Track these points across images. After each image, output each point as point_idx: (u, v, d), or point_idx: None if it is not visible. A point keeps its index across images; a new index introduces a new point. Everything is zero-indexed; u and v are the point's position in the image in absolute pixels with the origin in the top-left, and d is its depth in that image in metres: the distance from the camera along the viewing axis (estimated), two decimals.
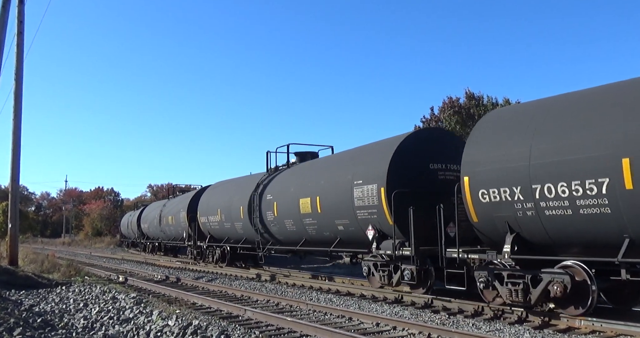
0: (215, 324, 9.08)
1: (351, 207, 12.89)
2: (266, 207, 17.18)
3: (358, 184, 12.68)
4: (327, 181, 14.30)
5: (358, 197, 12.66)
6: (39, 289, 14.62)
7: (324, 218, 14.19)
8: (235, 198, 20.12)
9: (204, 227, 23.37)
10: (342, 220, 13.48)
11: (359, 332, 8.69)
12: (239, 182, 21.61)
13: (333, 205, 13.69)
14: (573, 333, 8.48)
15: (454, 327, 9.11)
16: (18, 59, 18.98)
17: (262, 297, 13.02)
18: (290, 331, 8.87)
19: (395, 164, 11.92)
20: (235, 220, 19.81)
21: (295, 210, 15.31)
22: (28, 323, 9.02)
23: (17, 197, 19.52)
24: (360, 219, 12.76)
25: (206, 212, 22.89)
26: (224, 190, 22.39)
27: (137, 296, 12.62)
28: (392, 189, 11.55)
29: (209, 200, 23.19)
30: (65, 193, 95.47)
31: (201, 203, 23.88)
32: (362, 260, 13.27)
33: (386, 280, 12.39)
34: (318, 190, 14.44)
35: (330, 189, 13.91)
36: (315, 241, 15.26)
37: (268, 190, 17.48)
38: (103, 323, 9.40)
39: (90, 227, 74.48)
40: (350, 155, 14.58)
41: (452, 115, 35.54)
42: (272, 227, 17.07)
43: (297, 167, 17.54)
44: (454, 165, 11.92)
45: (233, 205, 20.00)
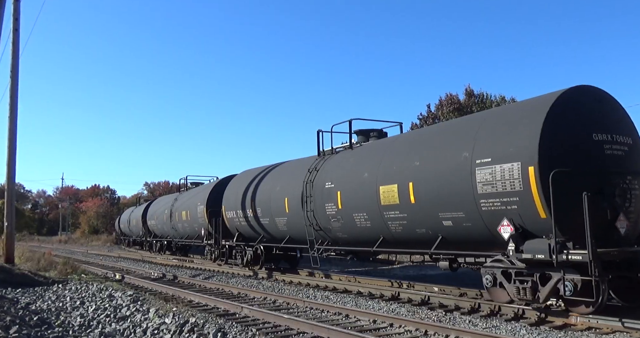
0: (212, 322, 9.08)
1: (470, 194, 9.66)
2: (325, 197, 14.07)
3: (484, 163, 9.43)
4: (425, 162, 10.94)
5: (484, 181, 9.39)
6: (35, 287, 14.60)
7: (419, 212, 10.98)
8: (276, 188, 16.94)
9: (231, 223, 20.10)
10: (451, 214, 10.20)
11: (355, 329, 8.69)
12: (280, 169, 18.22)
13: (437, 194, 10.41)
14: (569, 330, 8.50)
15: (450, 323, 9.13)
16: (14, 56, 18.92)
17: (259, 294, 13.02)
18: (287, 328, 8.87)
19: (550, 133, 8.70)
20: (277, 214, 16.68)
21: (372, 202, 12.15)
22: (24, 321, 9.00)
23: (14, 195, 19.47)
24: (485, 211, 9.50)
25: (234, 205, 19.58)
26: (258, 179, 19.06)
27: (134, 294, 12.61)
28: (547, 168, 8.37)
29: (237, 191, 19.74)
30: (62, 191, 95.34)
31: (227, 196, 20.52)
32: (483, 267, 9.88)
33: (527, 294, 9.02)
34: (410, 174, 11.13)
35: (432, 172, 10.62)
36: (400, 240, 12.09)
37: (326, 177, 14.25)
38: (100, 321, 9.39)
39: (87, 225, 74.51)
40: (463, 124, 11.08)
41: (451, 112, 35.56)
42: (334, 222, 13.86)
43: (368, 147, 14.06)
44: (621, 137, 9.21)
45: (273, 197, 16.84)
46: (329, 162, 14.75)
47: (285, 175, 17.19)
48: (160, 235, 32.63)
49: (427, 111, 38.27)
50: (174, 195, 31.82)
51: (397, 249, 13.14)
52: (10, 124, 18.77)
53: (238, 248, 20.08)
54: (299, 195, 15.19)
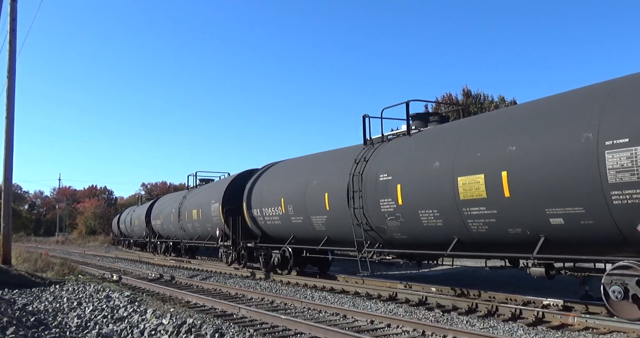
0: (210, 322, 9.08)
1: (595, 185, 7.89)
2: (379, 192, 12.09)
3: (616, 145, 7.61)
4: (525, 146, 9.00)
5: (618, 168, 7.59)
6: (32, 288, 14.57)
7: (515, 207, 9.10)
8: (312, 183, 14.91)
9: (254, 222, 18.28)
10: (564, 209, 8.38)
11: (353, 329, 8.69)
12: (316, 161, 15.97)
13: (543, 186, 8.60)
14: (566, 330, 8.52)
15: (448, 324, 9.13)
16: (10, 56, 18.89)
17: (256, 295, 13.01)
18: (284, 329, 8.86)
19: None
20: (314, 212, 14.69)
21: (446, 196, 10.25)
22: (21, 322, 8.98)
23: (10, 196, 19.44)
24: (617, 206, 7.69)
25: (257, 203, 17.73)
26: (289, 173, 16.98)
27: (131, 295, 12.59)
28: None
29: (262, 187, 17.88)
30: (59, 192, 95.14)
31: (249, 192, 18.72)
32: (607, 275, 8.21)
33: None
34: (503, 162, 9.23)
35: (536, 159, 8.74)
36: (482, 242, 10.13)
37: (380, 168, 12.25)
38: (97, 322, 9.37)
39: (84, 226, 74.36)
40: (578, 98, 8.84)
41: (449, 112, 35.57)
42: (390, 221, 11.91)
43: (434, 132, 12.12)
44: None
45: (310, 193, 14.83)
46: (381, 151, 12.69)
47: (323, 167, 15.04)
48: (166, 236, 30.59)
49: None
50: (181, 193, 29.35)
51: (477, 253, 10.71)
52: (7, 124, 18.73)
53: (261, 250, 18.27)
54: (343, 190, 13.40)
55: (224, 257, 21.52)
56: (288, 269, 17.08)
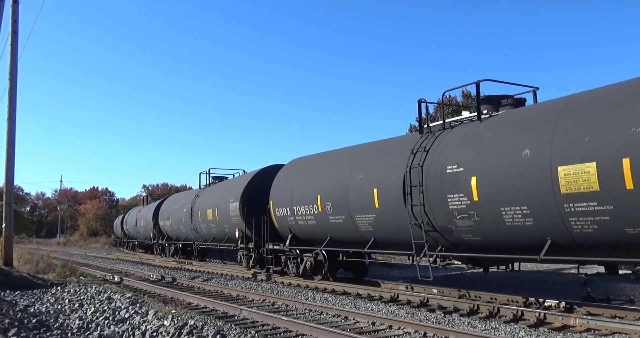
0: (211, 324, 9.07)
1: None
2: (446, 186, 10.39)
3: None
4: None
5: None
6: (34, 290, 14.57)
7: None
8: (356, 177, 13.29)
9: (282, 223, 16.63)
10: None
11: (354, 331, 8.69)
12: (360, 153, 14.24)
13: None
14: (568, 332, 8.52)
15: (449, 325, 9.13)
16: (12, 58, 18.91)
17: (258, 296, 13.01)
18: (286, 330, 8.86)
19: None
20: (359, 211, 13.06)
21: (541, 189, 8.67)
22: (23, 323, 8.99)
23: (12, 197, 19.45)
24: None
25: (287, 201, 16.16)
26: (326, 168, 15.08)
27: (132, 296, 12.59)
28: None
29: (292, 183, 16.16)
30: (60, 194, 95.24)
31: (277, 190, 17.00)
32: None
33: None
34: (627, 146, 7.59)
35: None
36: (585, 244, 8.53)
37: (447, 158, 10.54)
38: (98, 324, 9.37)
39: (86, 227, 74.39)
40: None
41: (449, 113, 35.56)
42: (461, 220, 10.17)
43: (517, 114, 10.37)
44: None
45: (353, 189, 13.25)
46: (446, 140, 11.00)
47: (370, 159, 13.38)
48: (175, 238, 28.89)
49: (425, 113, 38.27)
50: (193, 192, 27.44)
51: (575, 258, 9.12)
52: (9, 126, 18.74)
53: (291, 253, 16.64)
54: (397, 185, 11.71)
55: (243, 261, 20.08)
56: (322, 274, 15.34)
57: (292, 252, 16.56)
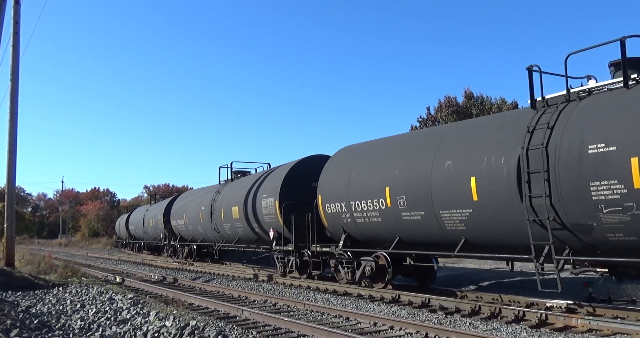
0: (213, 325, 9.08)
1: None
2: (587, 171, 8.35)
3: None
4: None
5: None
6: (35, 290, 14.59)
7: None
8: (444, 164, 10.93)
9: (334, 221, 14.39)
10: None
11: (356, 331, 8.69)
12: (444, 135, 11.78)
13: None
14: (570, 332, 8.51)
15: (451, 326, 9.13)
16: (14, 59, 18.94)
17: (259, 297, 13.02)
18: (287, 331, 8.86)
19: None
20: (447, 205, 10.79)
21: None
22: (25, 324, 9.00)
23: (14, 198, 19.47)
24: None
25: (340, 194, 13.93)
26: (396, 155, 12.70)
27: (134, 297, 12.60)
28: None
29: (347, 173, 13.88)
30: (62, 194, 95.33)
31: (327, 182, 14.75)
32: None
33: None
34: None
35: None
36: None
37: (588, 135, 8.44)
38: (100, 324, 9.38)
39: (87, 228, 74.46)
40: None
41: (450, 114, 35.62)
42: (609, 214, 8.12)
43: None
44: None
45: (440, 178, 10.95)
46: (579, 113, 8.88)
47: (462, 142, 11.08)
48: (190, 239, 26.63)
49: (426, 114, 38.34)
50: (213, 187, 24.63)
51: None
52: (11, 127, 18.77)
53: (343, 257, 14.37)
54: (508, 172, 9.64)
55: (279, 265, 17.76)
56: (385, 282, 13.15)
57: (345, 255, 14.29)
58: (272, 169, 20.02)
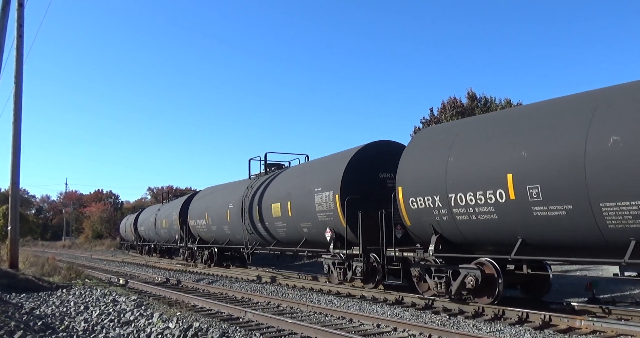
0: (216, 326, 9.09)
1: None
2: None
3: None
4: None
5: None
6: (39, 292, 14.61)
7: None
8: (608, 140, 8.15)
9: (427, 218, 11.25)
10: None
11: (359, 333, 8.69)
12: (592, 104, 8.74)
13: None
14: (573, 334, 8.49)
15: (454, 328, 9.12)
16: (18, 62, 18.99)
17: (262, 298, 13.02)
18: (291, 333, 8.87)
19: None
20: (614, 196, 8.04)
21: None
22: (29, 326, 9.02)
23: (18, 200, 19.51)
24: None
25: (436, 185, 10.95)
26: (517, 132, 9.81)
27: (137, 298, 12.62)
28: None
29: (449, 159, 10.83)
30: (66, 196, 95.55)
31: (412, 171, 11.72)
32: None
33: None
34: None
35: None
36: None
37: None
38: (104, 326, 9.40)
39: (91, 230, 74.58)
40: None
41: (454, 115, 35.56)
42: None
43: None
44: None
45: (596, 160, 8.25)
46: None
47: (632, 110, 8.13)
48: (212, 241, 23.92)
49: (430, 115, 38.31)
50: (242, 183, 21.51)
51: None
52: (15, 129, 18.82)
53: (432, 263, 11.39)
54: None
55: (334, 272, 14.90)
56: (494, 297, 10.37)
57: (436, 262, 11.33)
58: (323, 158, 17.14)
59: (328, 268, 15.25)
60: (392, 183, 13.10)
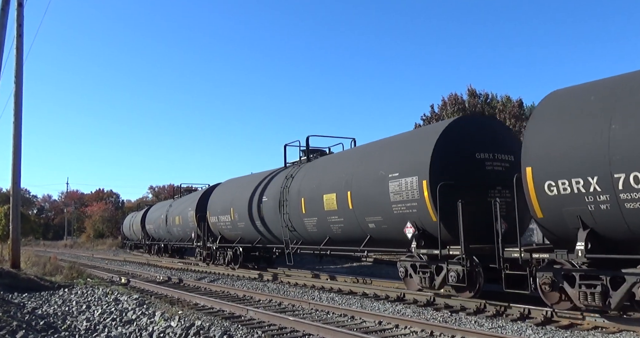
0: (218, 324, 9.08)
1: None
2: None
3: None
4: None
5: None
6: (41, 292, 14.63)
7: None
8: None
9: (569, 206, 8.32)
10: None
11: (361, 330, 8.69)
12: None
13: None
14: (575, 329, 8.49)
15: (456, 324, 9.12)
16: (18, 61, 18.99)
17: (264, 296, 13.03)
18: (292, 330, 8.87)
19: None
20: None
21: None
22: (31, 325, 9.03)
23: (19, 200, 19.53)
24: None
25: (586, 163, 8.07)
26: None
27: (139, 297, 12.62)
28: None
29: (607, 127, 7.94)
30: (67, 196, 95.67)
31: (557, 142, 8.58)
32: None
33: None
34: None
35: None
36: None
37: None
38: (106, 325, 9.41)
39: (92, 229, 74.69)
40: None
41: (455, 112, 35.54)
42: None
43: None
44: None
45: None
46: None
47: None
48: (237, 240, 20.84)
49: (430, 112, 38.30)
50: (279, 172, 18.28)
51: None
52: (15, 129, 18.83)
53: (577, 269, 8.60)
54: None
55: (415, 276, 11.80)
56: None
57: (581, 266, 8.60)
58: (394, 137, 13.69)
59: (405, 272, 12.11)
60: (491, 166, 11.30)
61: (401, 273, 12.28)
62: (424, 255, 11.59)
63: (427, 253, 11.36)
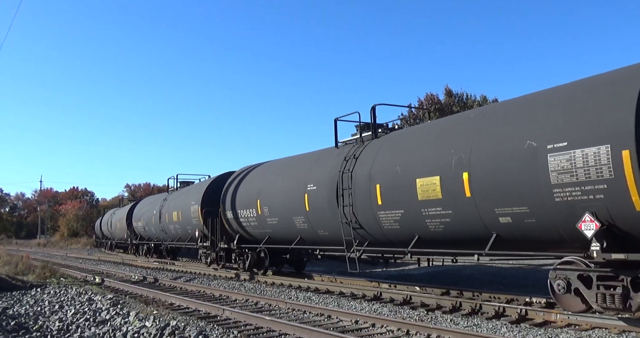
0: (194, 324, 9.01)
1: None
2: None
3: None
4: None
5: None
6: (12, 291, 14.37)
7: None
8: None
9: None
10: None
11: (337, 330, 8.68)
12: None
13: None
14: (549, 327, 8.60)
15: (432, 323, 9.17)
16: None
17: (240, 296, 12.95)
18: (269, 330, 8.83)
19: None
20: None
21: None
22: (1, 326, 8.87)
23: None
24: None
25: None
26: None
27: (113, 297, 12.47)
28: None
29: None
30: (40, 194, 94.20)
31: None
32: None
33: None
34: None
35: None
36: None
37: None
38: (79, 325, 9.27)
39: (66, 228, 73.73)
40: None
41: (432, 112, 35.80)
42: None
43: None
44: None
45: None
46: None
47: None
48: (265, 240, 16.41)
49: (408, 111, 38.52)
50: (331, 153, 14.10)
51: None
52: None
53: None
54: None
55: (604, 295, 7.81)
56: None
57: None
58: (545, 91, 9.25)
59: (567, 286, 8.27)
60: None
61: (559, 287, 8.40)
62: (609, 262, 7.74)
63: (626, 259, 7.47)
